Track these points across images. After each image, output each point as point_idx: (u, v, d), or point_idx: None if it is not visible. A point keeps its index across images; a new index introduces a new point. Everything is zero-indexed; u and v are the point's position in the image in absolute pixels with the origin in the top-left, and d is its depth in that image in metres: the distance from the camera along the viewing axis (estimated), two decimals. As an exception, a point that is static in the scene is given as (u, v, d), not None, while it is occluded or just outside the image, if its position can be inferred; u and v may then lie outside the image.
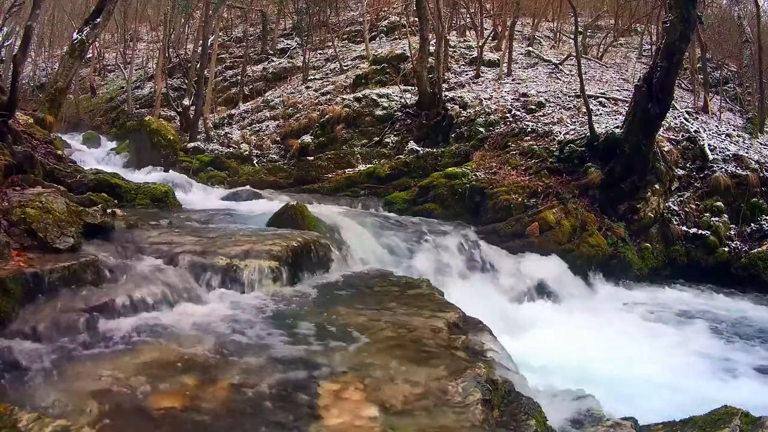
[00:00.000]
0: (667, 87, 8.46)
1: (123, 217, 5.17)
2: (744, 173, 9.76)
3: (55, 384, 2.76)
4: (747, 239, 9.17)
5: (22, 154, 5.69)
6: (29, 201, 4.19)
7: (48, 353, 3.04)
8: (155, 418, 2.54)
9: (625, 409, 3.70)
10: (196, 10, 22.49)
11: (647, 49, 16.49)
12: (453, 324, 3.95)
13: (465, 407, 2.78)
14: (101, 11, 9.46)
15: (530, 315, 6.72)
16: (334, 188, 11.48)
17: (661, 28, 10.41)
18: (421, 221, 8.74)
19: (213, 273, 4.29)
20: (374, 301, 4.40)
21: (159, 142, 12.25)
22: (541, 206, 8.77)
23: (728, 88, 14.38)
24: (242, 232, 5.50)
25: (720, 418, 3.09)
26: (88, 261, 3.82)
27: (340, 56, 17.18)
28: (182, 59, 19.94)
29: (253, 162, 12.79)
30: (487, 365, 3.26)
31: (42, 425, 2.16)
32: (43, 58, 24.85)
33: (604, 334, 6.07)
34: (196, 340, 3.34)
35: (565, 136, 10.30)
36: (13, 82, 5.77)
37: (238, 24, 24.08)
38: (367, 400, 2.79)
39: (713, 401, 3.50)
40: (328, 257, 5.23)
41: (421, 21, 12.83)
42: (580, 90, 10.35)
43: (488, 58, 15.20)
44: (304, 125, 13.36)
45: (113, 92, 22.56)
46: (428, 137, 12.04)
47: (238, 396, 2.77)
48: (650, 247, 9.01)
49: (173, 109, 16.36)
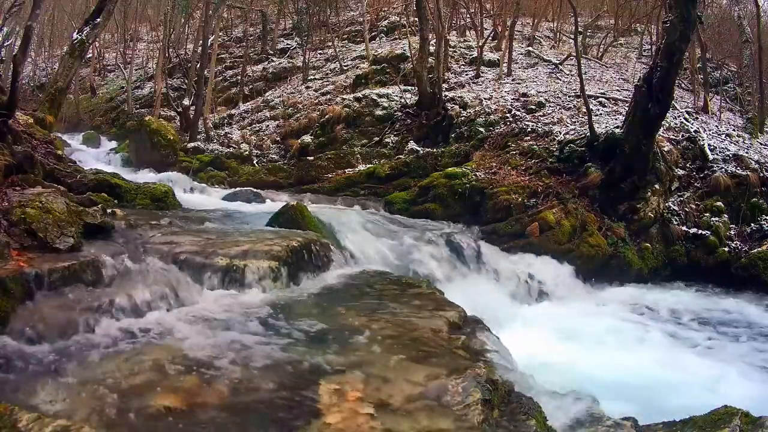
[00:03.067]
0: (667, 87, 8.46)
1: (123, 217, 5.18)
2: (744, 173, 9.76)
3: (55, 384, 2.76)
4: (747, 239, 9.16)
5: (22, 154, 5.69)
6: (29, 201, 4.19)
7: (48, 353, 3.05)
8: (155, 417, 2.54)
9: (624, 409, 3.70)
10: (196, 10, 22.49)
11: (647, 49, 16.48)
12: (453, 323, 3.95)
13: (465, 407, 2.78)
14: (101, 11, 9.47)
15: (530, 315, 6.73)
16: (334, 188, 11.47)
17: (661, 28, 10.41)
18: (421, 221, 8.74)
19: (213, 273, 4.29)
20: (374, 300, 4.41)
21: (159, 142, 12.25)
22: (541, 206, 8.77)
23: (728, 88, 14.38)
24: (242, 232, 5.50)
25: (720, 418, 3.09)
26: (88, 261, 3.82)
27: (340, 56, 17.18)
28: (182, 59, 19.94)
29: (253, 162, 12.79)
30: (487, 365, 3.27)
31: (42, 425, 2.16)
32: (43, 58, 24.85)
33: (603, 335, 6.08)
34: (195, 340, 3.34)
35: (565, 136, 10.30)
36: (13, 82, 5.77)
37: (238, 24, 24.07)
38: (367, 399, 2.79)
39: (713, 401, 3.50)
40: (328, 257, 5.23)
41: (421, 21, 12.83)
42: (580, 90, 10.34)
43: (488, 58, 15.20)
44: (304, 125, 13.35)
45: (113, 92, 22.56)
46: (428, 137, 12.03)
47: (238, 396, 2.77)
48: (650, 247, 9.00)
49: (173, 109, 16.36)
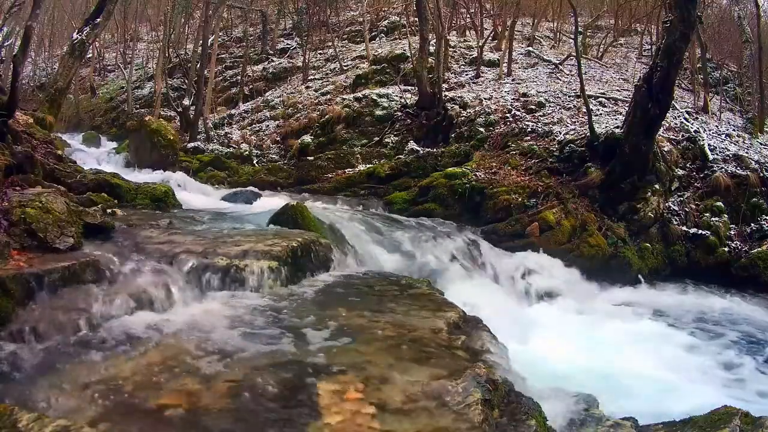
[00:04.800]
0: (667, 87, 8.47)
1: (123, 217, 5.18)
2: (744, 173, 9.76)
3: (55, 384, 2.76)
4: (747, 239, 9.17)
5: (22, 154, 5.69)
6: (29, 201, 4.18)
7: (48, 353, 3.04)
8: (155, 417, 2.54)
9: (624, 409, 3.71)
10: (196, 10, 22.50)
11: (647, 49, 16.49)
12: (453, 324, 3.95)
13: (465, 407, 2.77)
14: (101, 11, 9.47)
15: (530, 315, 6.72)
16: (334, 188, 11.47)
17: (661, 28, 10.41)
18: (421, 221, 8.73)
19: (213, 273, 4.28)
20: (374, 301, 4.40)
21: (159, 142, 12.23)
22: (541, 206, 8.77)
23: (728, 88, 14.38)
24: (242, 232, 5.49)
25: (720, 418, 3.09)
26: (88, 261, 3.82)
27: (340, 56, 17.17)
28: (182, 59, 19.93)
29: (253, 162, 12.79)
30: (487, 365, 3.26)
31: (42, 425, 2.16)
32: (43, 58, 24.83)
33: (603, 335, 6.08)
34: (195, 340, 3.34)
35: (565, 136, 10.30)
36: (13, 82, 5.77)
37: (238, 24, 24.06)
38: (367, 400, 2.78)
39: (712, 401, 3.50)
40: (327, 257, 5.23)
41: (421, 21, 12.83)
42: (580, 90, 10.35)
43: (488, 58, 15.20)
44: (304, 125, 13.35)
45: (113, 92, 22.56)
46: (428, 137, 12.03)
47: (238, 395, 2.76)
48: (650, 247, 9.00)
49: (173, 109, 16.35)
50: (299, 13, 20.50)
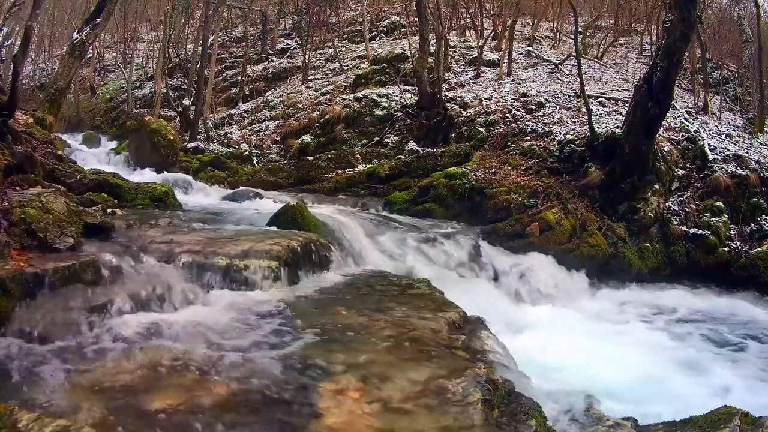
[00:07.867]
0: (667, 87, 8.46)
1: (123, 217, 5.18)
2: (744, 173, 9.75)
3: (55, 384, 2.76)
4: (747, 239, 9.16)
5: (22, 154, 5.69)
6: (29, 201, 4.18)
7: (48, 353, 3.05)
8: (155, 417, 2.54)
9: (624, 409, 3.71)
10: (196, 10, 22.49)
11: (647, 49, 16.48)
12: (453, 323, 3.95)
13: (465, 407, 2.78)
14: (101, 11, 9.47)
15: (530, 315, 6.72)
16: (334, 188, 11.47)
17: (661, 28, 10.41)
18: (421, 221, 8.73)
19: (213, 273, 4.29)
20: (374, 300, 4.40)
21: (159, 142, 12.23)
22: (541, 206, 8.77)
23: (728, 88, 14.37)
24: (242, 232, 5.50)
25: (720, 418, 3.09)
26: (88, 261, 3.82)
27: (340, 56, 17.17)
28: (182, 59, 19.92)
29: (253, 162, 12.79)
30: (487, 365, 3.27)
31: (42, 425, 2.16)
32: (43, 58, 24.81)
33: (603, 335, 6.08)
34: (195, 340, 3.34)
35: (565, 136, 10.30)
36: (13, 82, 5.76)
37: (238, 24, 24.05)
38: (367, 399, 2.79)
39: (712, 401, 3.50)
40: (327, 257, 5.23)
41: (421, 21, 12.83)
42: (580, 90, 10.34)
43: (488, 58, 15.20)
44: (304, 125, 13.35)
45: (113, 92, 22.55)
46: (428, 137, 12.03)
47: (238, 395, 2.76)
48: (650, 247, 9.00)
49: (173, 109, 16.34)
50: (299, 13, 20.50)
